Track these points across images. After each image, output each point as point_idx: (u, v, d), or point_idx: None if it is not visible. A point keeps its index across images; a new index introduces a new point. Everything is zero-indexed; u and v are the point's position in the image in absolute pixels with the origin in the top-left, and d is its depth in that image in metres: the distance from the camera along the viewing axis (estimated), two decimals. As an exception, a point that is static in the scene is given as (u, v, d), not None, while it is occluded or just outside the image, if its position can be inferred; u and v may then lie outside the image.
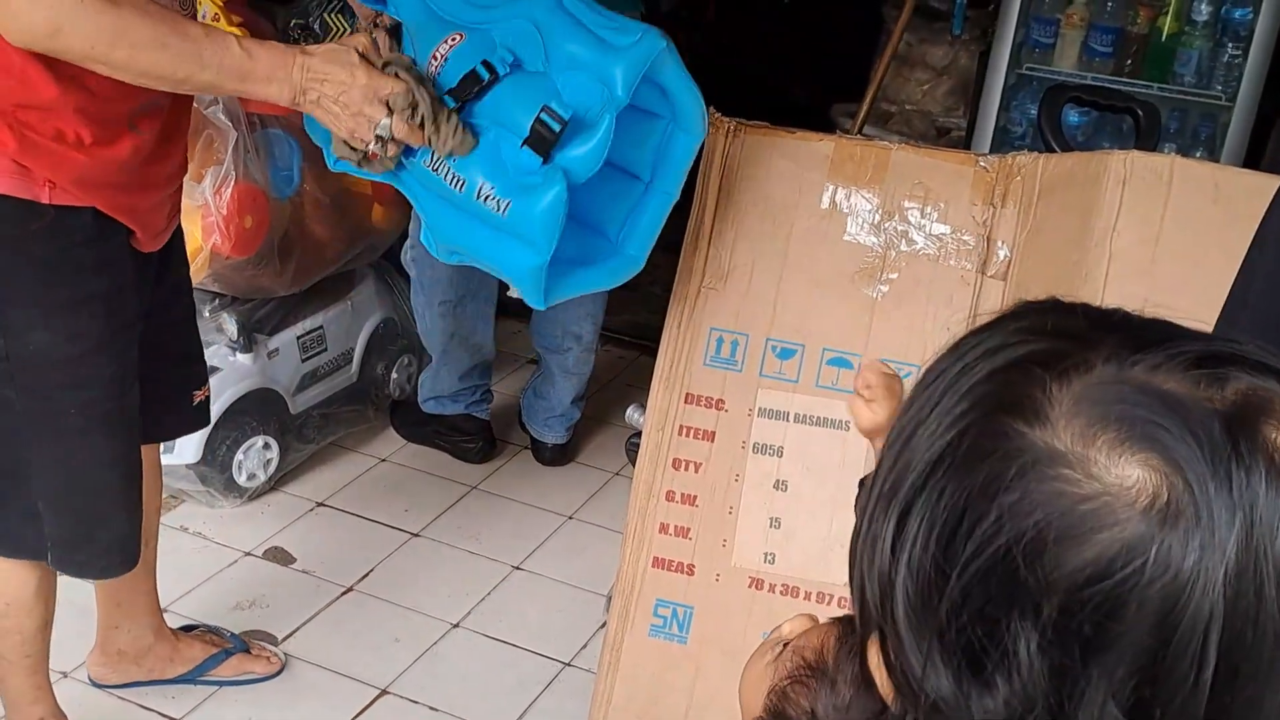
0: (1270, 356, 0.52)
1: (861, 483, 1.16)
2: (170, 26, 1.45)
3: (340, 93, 1.53)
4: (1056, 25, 3.11)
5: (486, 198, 1.61)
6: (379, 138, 1.57)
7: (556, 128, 1.55)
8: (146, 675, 2.14)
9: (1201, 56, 3.03)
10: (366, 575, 2.52)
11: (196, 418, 2.03)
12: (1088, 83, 2.90)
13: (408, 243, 2.84)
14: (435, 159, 1.63)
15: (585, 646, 2.37)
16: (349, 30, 2.51)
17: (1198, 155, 3.00)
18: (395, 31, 1.73)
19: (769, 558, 1.93)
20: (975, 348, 0.55)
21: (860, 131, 3.01)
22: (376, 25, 1.73)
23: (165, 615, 2.19)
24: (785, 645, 0.82)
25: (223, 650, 2.20)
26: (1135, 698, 0.48)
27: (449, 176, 1.63)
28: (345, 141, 1.60)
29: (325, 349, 2.80)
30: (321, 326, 2.79)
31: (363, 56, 1.56)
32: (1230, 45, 3.01)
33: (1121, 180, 1.68)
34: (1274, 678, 0.48)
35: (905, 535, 0.53)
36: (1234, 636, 0.47)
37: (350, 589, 2.48)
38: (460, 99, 1.62)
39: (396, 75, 1.57)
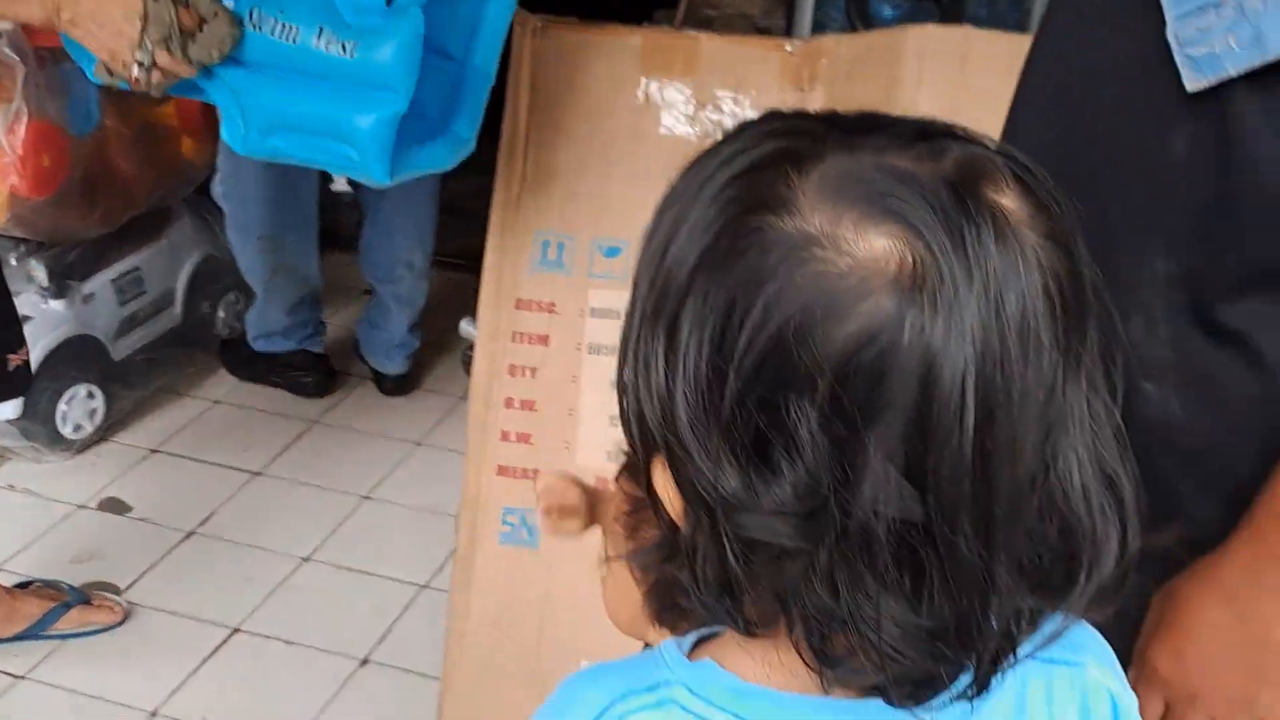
0: (974, 133, 0.57)
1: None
2: None
3: (96, 9, 1.39)
4: (863, -78, 3.15)
5: (329, 43, 1.49)
6: (140, 64, 1.42)
7: None
8: (-17, 636, 2.06)
9: (1004, -57, 3.11)
10: (209, 518, 2.46)
11: (15, 383, 1.94)
12: (893, -26, 2.95)
13: (217, 177, 2.74)
14: (256, 16, 1.50)
15: (441, 569, 2.36)
16: None
17: (1003, 44, 3.09)
18: None
19: (611, 456, 1.95)
20: (709, 162, 0.57)
21: (678, 38, 3.02)
22: None
23: (-4, 575, 2.11)
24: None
25: (62, 604, 2.13)
26: (910, 457, 0.51)
27: (277, 29, 1.50)
28: (106, 66, 1.47)
29: (144, 291, 2.70)
30: (138, 268, 2.68)
31: None
32: (1031, -70, 3.09)
33: (918, 54, 1.72)
34: (1024, 417, 0.52)
35: (677, 345, 0.54)
36: (987, 385, 0.51)
37: (192, 533, 2.42)
38: None
39: None
